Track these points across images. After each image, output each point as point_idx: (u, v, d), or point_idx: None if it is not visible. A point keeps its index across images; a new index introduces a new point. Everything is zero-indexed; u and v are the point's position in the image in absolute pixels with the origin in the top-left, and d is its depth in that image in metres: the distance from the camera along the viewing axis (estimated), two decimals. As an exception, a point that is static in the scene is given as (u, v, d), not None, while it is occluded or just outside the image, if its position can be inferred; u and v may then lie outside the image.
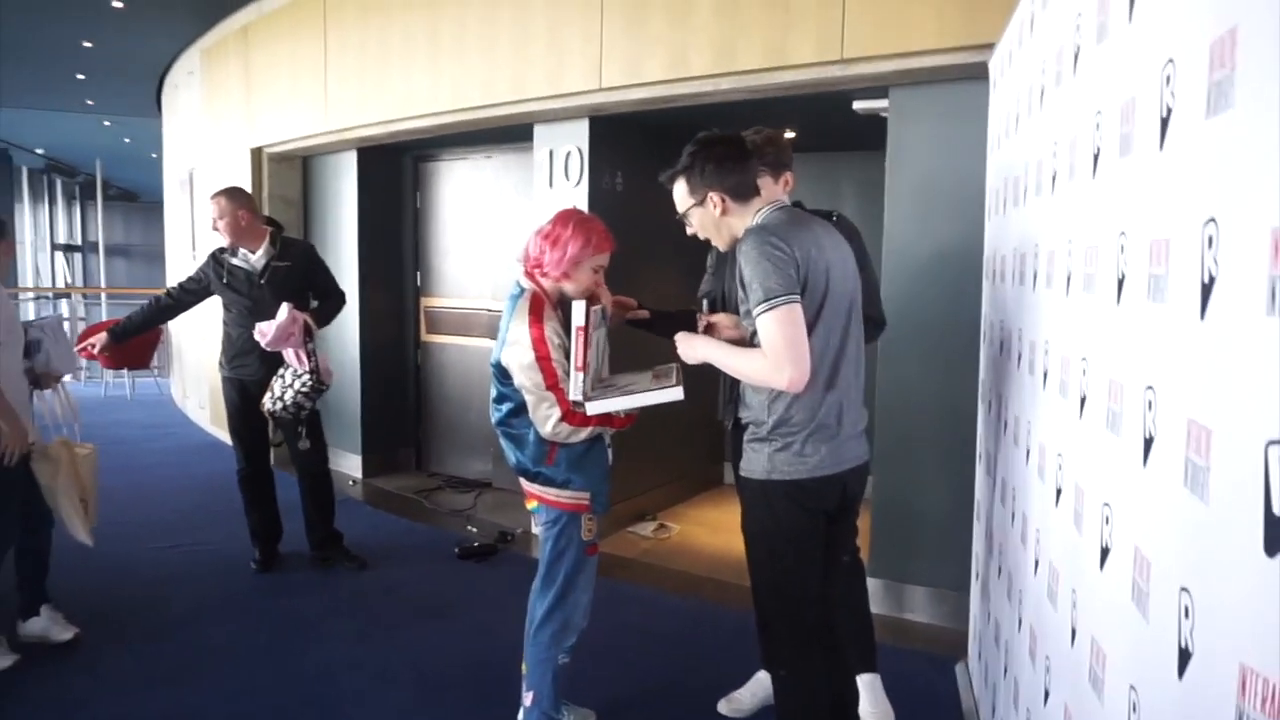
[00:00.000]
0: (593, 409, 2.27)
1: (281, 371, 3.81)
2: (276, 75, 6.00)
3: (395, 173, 6.05)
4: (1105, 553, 1.30)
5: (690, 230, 2.21)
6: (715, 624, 3.58)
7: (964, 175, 3.26)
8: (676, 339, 2.19)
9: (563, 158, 4.48)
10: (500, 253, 5.41)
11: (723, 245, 2.20)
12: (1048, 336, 1.83)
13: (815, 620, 2.12)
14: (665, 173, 2.18)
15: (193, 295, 4.00)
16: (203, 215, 7.03)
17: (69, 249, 21.25)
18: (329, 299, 4.04)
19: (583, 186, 4.43)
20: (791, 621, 2.12)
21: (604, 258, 2.43)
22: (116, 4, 7.13)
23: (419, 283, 6.07)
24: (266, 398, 3.80)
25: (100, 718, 2.82)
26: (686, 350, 2.15)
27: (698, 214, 2.14)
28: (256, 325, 3.71)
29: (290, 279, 3.92)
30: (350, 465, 5.91)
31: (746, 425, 2.10)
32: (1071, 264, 1.60)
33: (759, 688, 2.86)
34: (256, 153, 6.21)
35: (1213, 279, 0.91)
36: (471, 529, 4.76)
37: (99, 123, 13.50)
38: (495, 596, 3.83)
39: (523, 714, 2.58)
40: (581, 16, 4.06)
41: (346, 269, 5.77)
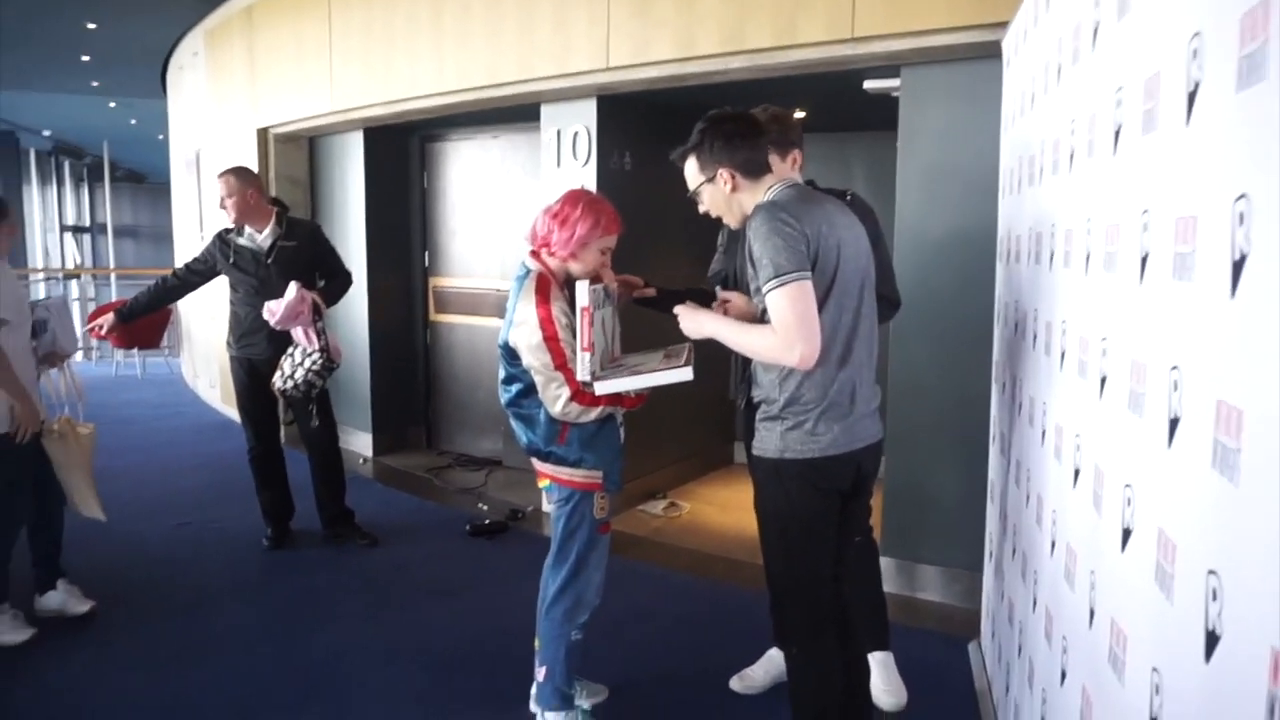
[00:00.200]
0: (601, 389, 2.27)
1: (291, 350, 3.81)
2: (281, 56, 5.96)
3: (402, 153, 6.02)
4: (1127, 534, 1.29)
5: (702, 208, 2.20)
6: (726, 602, 3.59)
7: (977, 155, 3.23)
8: (679, 312, 2.15)
9: (570, 138, 4.45)
10: (508, 233, 5.40)
11: (734, 223, 2.18)
12: (1065, 317, 1.81)
13: (828, 600, 2.12)
14: (676, 150, 2.17)
15: (199, 275, 4.01)
16: (210, 196, 7.04)
17: (77, 230, 21.28)
18: (335, 279, 4.04)
19: (590, 166, 4.41)
20: (804, 601, 2.12)
21: (611, 240, 2.42)
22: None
23: (427, 263, 6.06)
24: (277, 376, 3.80)
25: (114, 694, 2.85)
26: (690, 325, 2.12)
27: (708, 191, 2.13)
28: (265, 304, 3.71)
29: (297, 258, 3.92)
30: (361, 443, 5.93)
31: (759, 404, 2.09)
32: (1091, 243, 1.58)
33: (771, 665, 2.87)
34: (262, 133, 6.18)
35: (1244, 256, 0.90)
36: (482, 507, 4.78)
37: (105, 104, 13.49)
38: (506, 574, 3.85)
39: (536, 689, 2.60)
40: (589, -6, 4.02)
41: (354, 249, 5.77)
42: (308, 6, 5.63)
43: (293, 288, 3.69)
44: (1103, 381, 1.47)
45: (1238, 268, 0.91)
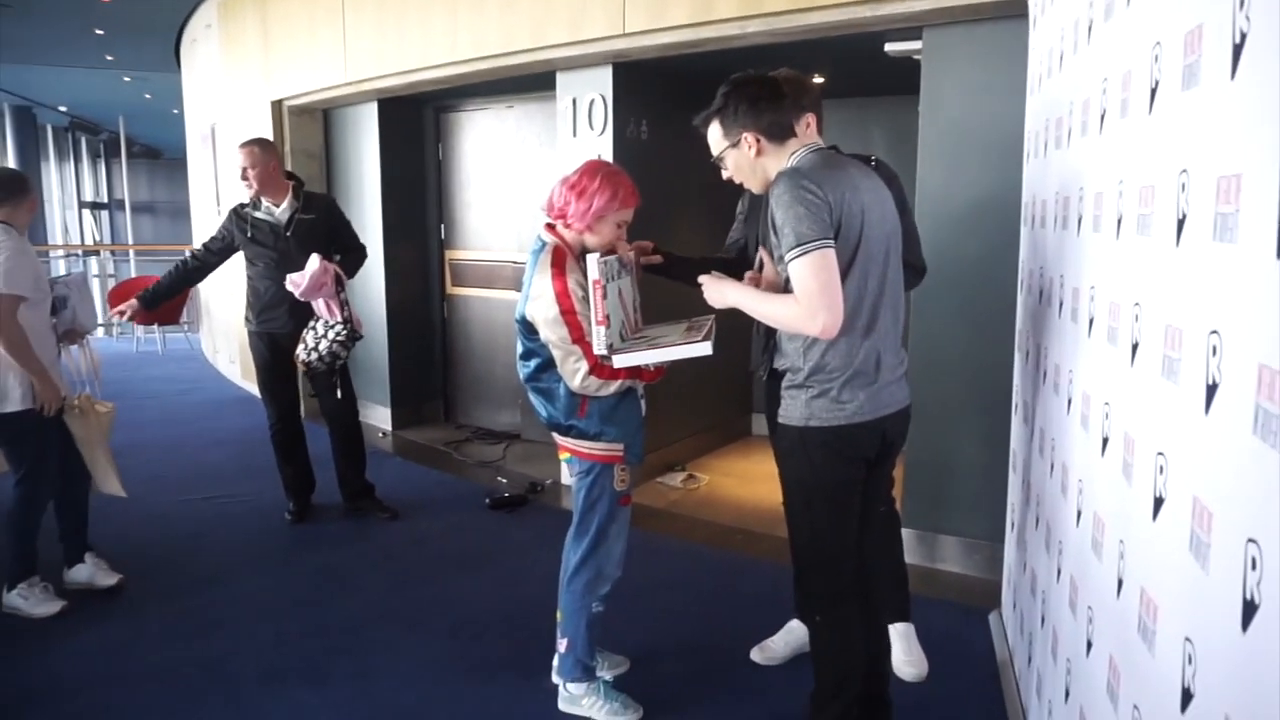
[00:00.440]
0: (619, 361, 2.25)
1: (312, 323, 3.82)
2: (294, 27, 5.92)
3: (417, 124, 5.99)
4: (1159, 503, 1.26)
5: (725, 174, 2.17)
6: (745, 574, 3.59)
7: (1001, 118, 3.17)
8: (703, 281, 2.13)
9: (586, 106, 4.40)
10: (524, 204, 5.36)
11: (757, 188, 2.15)
12: (1094, 282, 1.77)
13: (851, 568, 2.11)
14: (699, 115, 2.14)
15: (217, 255, 4.01)
16: (226, 170, 7.04)
17: (95, 206, 21.42)
18: (351, 253, 4.03)
19: (607, 135, 4.36)
20: (828, 570, 2.11)
21: (628, 213, 2.39)
22: (132, -44, 7.06)
23: (443, 235, 6.04)
24: (300, 349, 3.81)
25: (141, 664, 2.89)
26: (714, 295, 2.10)
27: (732, 156, 2.10)
28: (288, 276, 3.72)
29: (315, 231, 3.92)
30: (380, 418, 5.96)
31: (784, 373, 2.07)
32: (1123, 205, 1.54)
33: (792, 636, 2.87)
34: (277, 106, 6.16)
35: (1291, 216, 0.86)
36: (501, 480, 4.79)
37: (119, 79, 13.49)
38: (526, 546, 3.86)
39: (557, 661, 2.61)
40: (604, -42, 3.95)
41: (370, 222, 5.76)
42: (320, -24, 5.58)
43: (315, 259, 3.69)
44: (1134, 348, 1.43)
45: (1285, 227, 0.87)
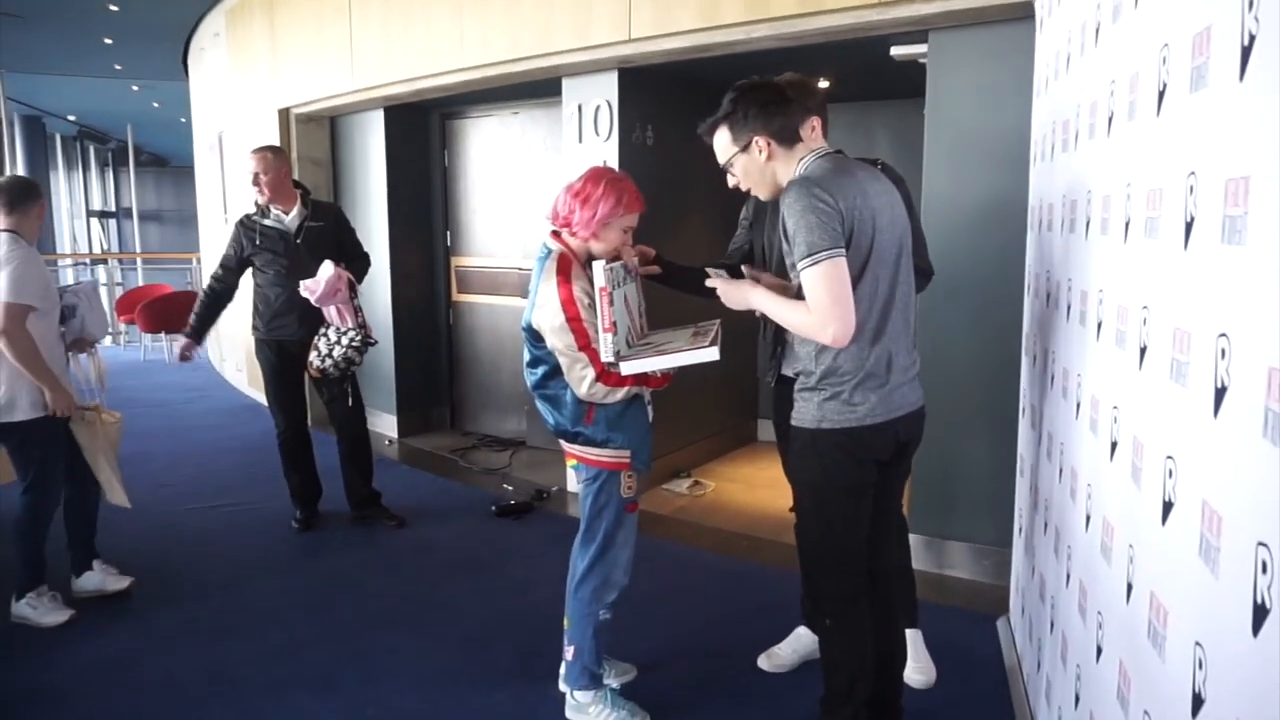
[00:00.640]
0: (626, 369, 2.24)
1: (323, 330, 3.83)
2: (301, 35, 5.95)
3: (423, 131, 6.00)
4: (1168, 507, 1.25)
5: (732, 181, 2.17)
6: (752, 580, 3.58)
7: (1007, 121, 3.16)
8: (718, 284, 2.14)
9: (591, 112, 4.41)
10: (530, 210, 5.37)
11: (765, 194, 2.15)
12: (1102, 285, 1.77)
13: (862, 571, 2.11)
14: (704, 123, 2.14)
15: (236, 271, 4.01)
16: (234, 178, 7.07)
17: (103, 215, 21.52)
18: (356, 261, 4.04)
19: (612, 141, 4.37)
20: (838, 572, 2.11)
21: (633, 219, 2.39)
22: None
23: (449, 242, 6.05)
24: (313, 355, 3.82)
25: (150, 673, 2.89)
26: (734, 295, 2.11)
27: (742, 161, 2.10)
28: (302, 283, 3.73)
29: (324, 238, 3.94)
30: (386, 425, 5.96)
31: (796, 375, 2.09)
32: (1131, 208, 1.53)
33: (799, 643, 2.86)
34: (284, 114, 6.18)
35: (1301, 217, 0.86)
36: (507, 487, 4.79)
37: (128, 87, 13.56)
38: (533, 553, 3.86)
39: (564, 668, 2.61)
40: (609, -35, 3.96)
41: (376, 229, 5.77)
42: (326, -15, 5.60)
43: (329, 265, 3.71)
44: (1143, 351, 1.42)
45: (1294, 228, 0.87)
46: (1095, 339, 1.80)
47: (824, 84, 4.30)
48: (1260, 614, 0.92)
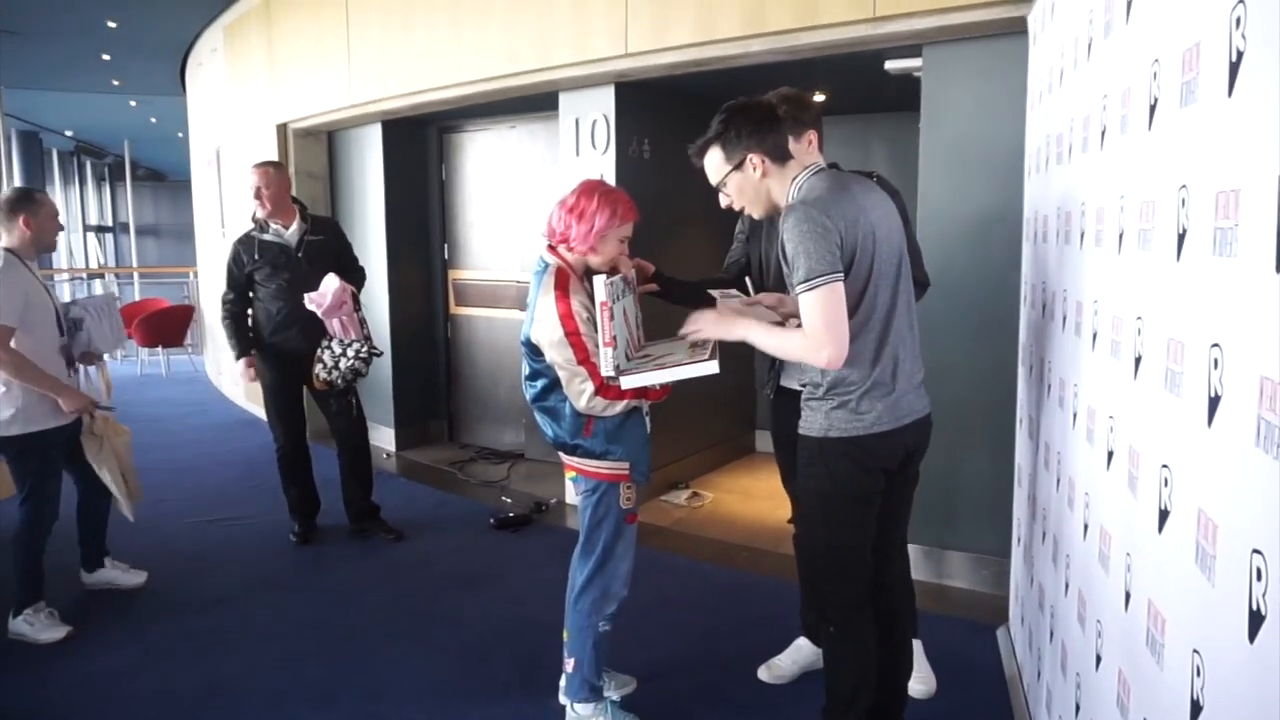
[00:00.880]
0: (627, 383, 2.24)
1: (326, 343, 3.84)
2: (299, 50, 5.98)
3: (420, 145, 6.03)
4: (1164, 515, 1.27)
5: (725, 202, 2.19)
6: (752, 592, 3.58)
7: (1001, 134, 3.19)
8: (705, 320, 2.15)
9: (589, 125, 4.44)
10: (527, 223, 5.39)
11: (759, 212, 2.16)
12: (1097, 297, 1.78)
13: (866, 579, 2.13)
14: (695, 144, 2.15)
15: (244, 288, 3.99)
16: (231, 192, 7.09)
17: (100, 230, 21.53)
18: (352, 274, 4.05)
19: (609, 154, 4.39)
20: (843, 579, 2.12)
21: (629, 228, 2.40)
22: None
23: (447, 255, 6.07)
24: (319, 368, 3.83)
25: (148, 687, 2.88)
26: (723, 330, 2.13)
27: (736, 180, 2.11)
28: (307, 295, 3.75)
29: (324, 252, 3.97)
30: (384, 438, 5.96)
31: (803, 387, 2.11)
32: (1124, 220, 1.55)
33: (799, 654, 2.86)
34: (282, 128, 6.20)
35: (1289, 229, 0.87)
36: (506, 500, 4.79)
37: (125, 103, 13.59)
38: (532, 566, 3.86)
39: (564, 680, 2.61)
40: (606, -20, 3.99)
41: (374, 243, 5.79)
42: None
43: (333, 278, 3.73)
44: (1137, 361, 1.44)
45: (1283, 240, 0.89)
46: (1091, 349, 1.81)
47: (820, 98, 4.34)
48: (1256, 621, 0.94)
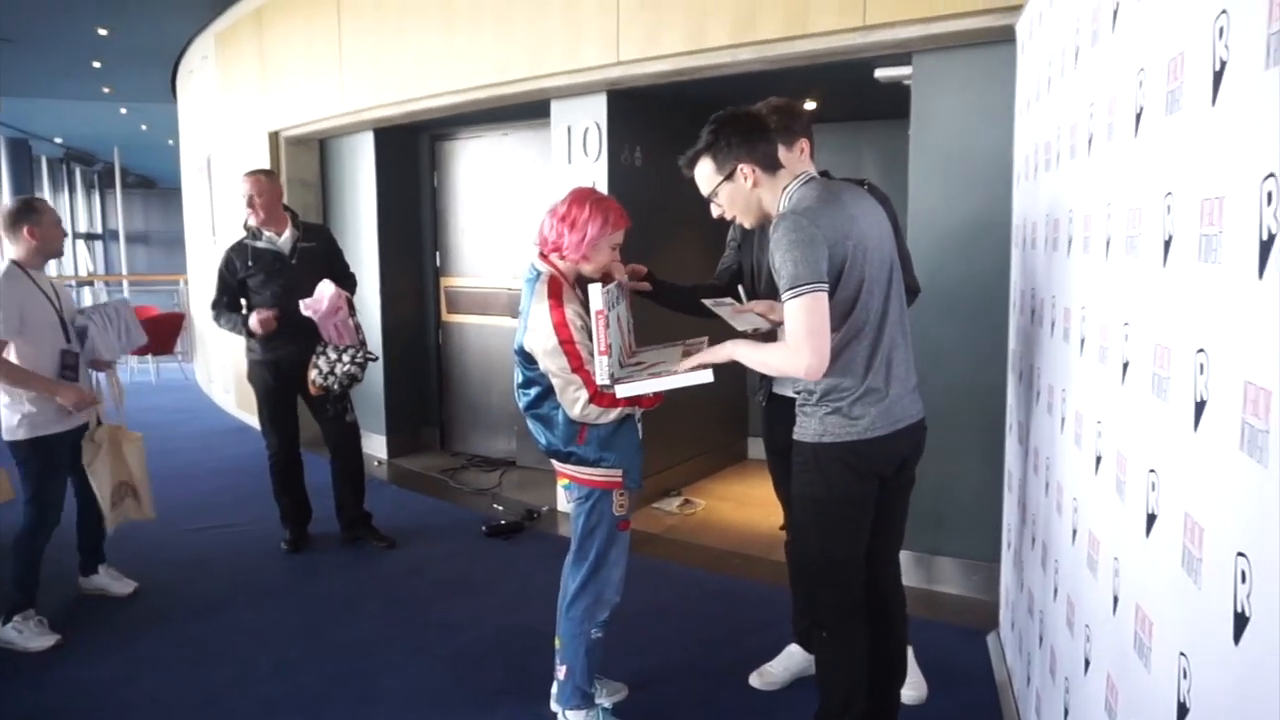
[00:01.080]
0: (622, 391, 2.23)
1: (321, 349, 3.84)
2: (291, 57, 5.98)
3: (412, 152, 6.03)
4: (1151, 519, 1.28)
5: (716, 212, 2.20)
6: (743, 598, 3.58)
7: (990, 141, 3.21)
8: (699, 357, 2.18)
9: (580, 133, 4.45)
10: (519, 231, 5.40)
11: (750, 221, 2.18)
12: (1084, 302, 1.80)
13: (859, 584, 2.13)
14: (685, 155, 2.16)
15: (234, 297, 3.98)
16: (221, 200, 7.08)
17: (90, 237, 21.44)
18: (345, 280, 4.05)
19: (601, 162, 4.40)
20: (837, 585, 2.13)
21: (620, 235, 2.40)
22: (130, -11, 7.14)
23: (438, 263, 6.07)
24: (314, 374, 3.83)
25: (140, 697, 2.87)
26: (718, 358, 2.15)
27: (727, 190, 2.12)
28: (302, 302, 3.74)
29: (317, 259, 3.97)
30: (375, 446, 5.94)
31: (797, 394, 2.13)
32: (1111, 227, 1.57)
33: (791, 661, 2.87)
34: (273, 136, 6.20)
35: (1272, 236, 0.89)
36: (497, 507, 4.78)
37: (116, 110, 13.58)
38: (524, 573, 3.85)
39: (556, 688, 2.60)
40: (597, -12, 4.01)
41: (366, 250, 5.79)
42: (317, 7, 5.64)
43: (328, 284, 3.74)
44: (1124, 367, 1.45)
45: (1266, 248, 0.90)
46: (1079, 355, 1.83)
47: (811, 106, 4.36)
48: (1241, 623, 0.95)
